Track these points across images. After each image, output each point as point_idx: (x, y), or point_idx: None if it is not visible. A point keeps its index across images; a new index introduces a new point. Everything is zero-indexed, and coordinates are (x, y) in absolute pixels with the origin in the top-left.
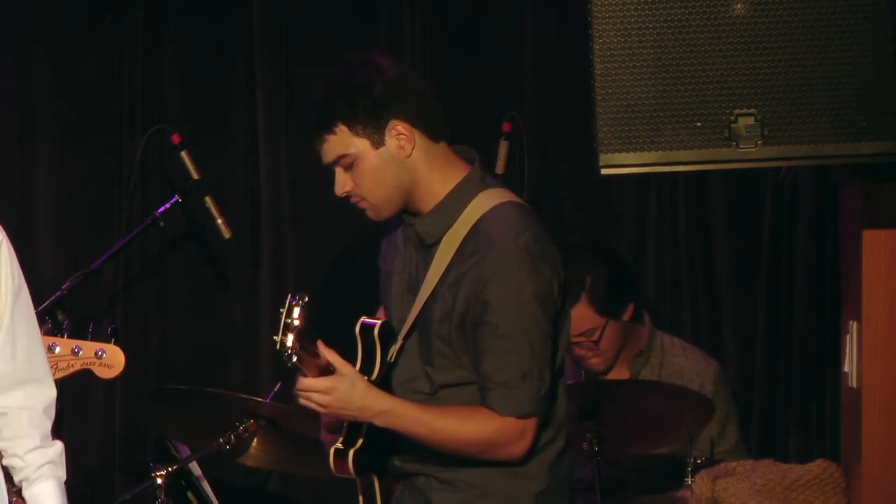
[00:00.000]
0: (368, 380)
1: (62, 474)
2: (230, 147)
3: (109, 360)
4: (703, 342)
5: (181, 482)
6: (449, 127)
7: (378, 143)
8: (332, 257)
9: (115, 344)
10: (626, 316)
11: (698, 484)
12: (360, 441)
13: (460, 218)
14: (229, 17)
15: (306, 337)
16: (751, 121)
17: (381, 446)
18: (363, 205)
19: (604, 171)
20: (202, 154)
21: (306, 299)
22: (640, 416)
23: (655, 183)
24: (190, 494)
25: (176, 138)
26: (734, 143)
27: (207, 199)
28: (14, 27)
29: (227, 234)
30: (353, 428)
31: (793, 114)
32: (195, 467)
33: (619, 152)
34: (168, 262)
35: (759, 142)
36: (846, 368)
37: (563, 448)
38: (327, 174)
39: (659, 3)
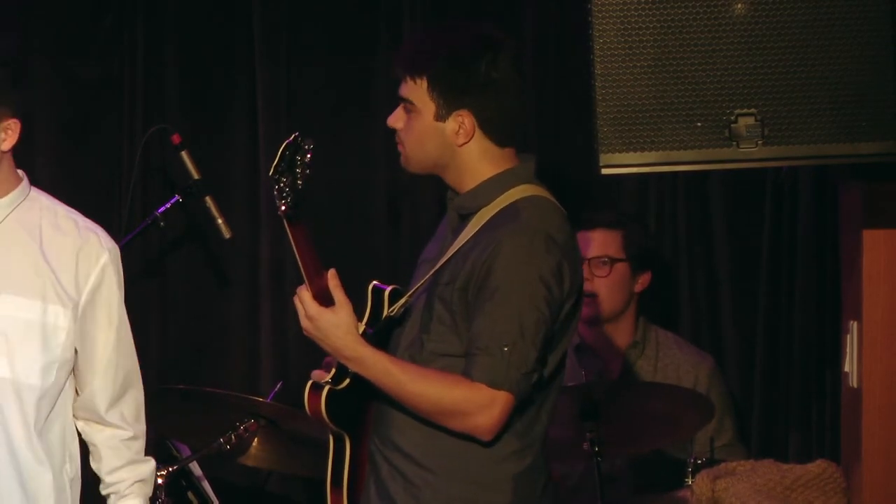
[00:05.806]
0: (364, 330)
1: (149, 491)
2: (230, 147)
3: None
4: (703, 342)
5: (181, 482)
6: (516, 137)
7: (441, 117)
8: (332, 257)
9: None
10: (641, 282)
11: (698, 484)
12: (347, 382)
13: (497, 199)
14: (229, 17)
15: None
16: (751, 121)
17: (361, 405)
18: (400, 148)
19: (604, 171)
20: (202, 154)
21: (312, 146)
22: (639, 416)
23: (655, 183)
24: (190, 494)
25: (176, 138)
26: (734, 143)
27: (207, 199)
28: (14, 27)
29: (227, 234)
30: (341, 368)
31: (793, 114)
32: (195, 467)
33: (619, 152)
34: (168, 262)
35: (759, 142)
36: (846, 368)
37: (532, 465)
38: (326, 174)
39: (659, 3)
